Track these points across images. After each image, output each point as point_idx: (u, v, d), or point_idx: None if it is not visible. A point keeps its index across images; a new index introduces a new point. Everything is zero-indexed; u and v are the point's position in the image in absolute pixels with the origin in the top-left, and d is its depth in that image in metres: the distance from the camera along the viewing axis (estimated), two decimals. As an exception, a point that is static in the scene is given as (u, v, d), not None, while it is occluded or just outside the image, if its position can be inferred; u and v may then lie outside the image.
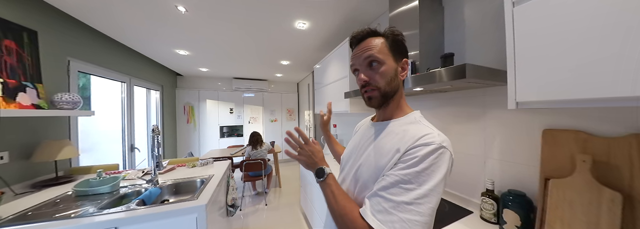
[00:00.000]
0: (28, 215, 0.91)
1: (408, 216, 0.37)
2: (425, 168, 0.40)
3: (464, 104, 1.00)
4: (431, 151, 0.41)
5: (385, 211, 0.39)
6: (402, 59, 0.51)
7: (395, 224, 0.37)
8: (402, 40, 0.51)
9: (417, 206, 0.38)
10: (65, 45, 1.56)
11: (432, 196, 0.38)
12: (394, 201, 0.39)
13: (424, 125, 0.48)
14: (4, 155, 1.16)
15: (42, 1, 1.39)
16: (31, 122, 1.31)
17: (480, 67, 0.70)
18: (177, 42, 2.16)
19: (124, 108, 2.34)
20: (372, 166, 0.47)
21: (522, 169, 0.79)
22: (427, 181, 0.39)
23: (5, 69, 1.16)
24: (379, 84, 0.48)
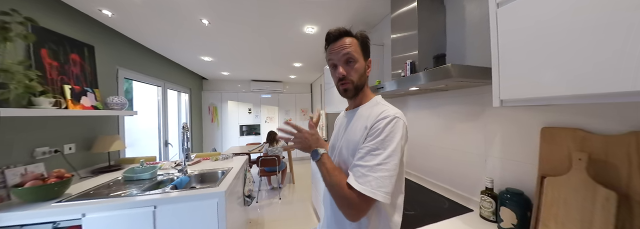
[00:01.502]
0: (90, 193, 1.13)
1: (380, 174, 0.47)
2: (386, 135, 0.50)
3: (464, 103, 1.00)
4: (388, 122, 0.51)
5: (363, 175, 0.48)
6: (368, 58, 0.62)
7: (372, 183, 0.47)
8: (368, 42, 0.61)
9: (385, 164, 0.48)
10: (114, 56, 1.85)
11: (395, 155, 0.49)
12: (368, 165, 0.48)
13: (383, 105, 0.58)
14: (72, 146, 1.43)
15: (97, 21, 1.66)
16: (90, 120, 1.59)
17: (467, 66, 0.73)
18: (202, 50, 2.40)
19: (160, 109, 2.65)
20: (349, 144, 0.57)
21: (521, 168, 0.78)
22: (390, 144, 0.49)
23: (72, 78, 1.42)
24: (353, 78, 0.58)
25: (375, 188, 0.46)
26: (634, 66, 0.38)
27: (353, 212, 0.49)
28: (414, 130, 1.33)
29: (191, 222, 1.08)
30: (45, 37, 1.26)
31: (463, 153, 1.00)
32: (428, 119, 1.23)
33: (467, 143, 0.98)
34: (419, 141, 1.30)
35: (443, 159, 1.12)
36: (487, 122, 0.90)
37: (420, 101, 1.29)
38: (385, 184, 0.47)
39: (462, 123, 1.01)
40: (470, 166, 0.97)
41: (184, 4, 1.40)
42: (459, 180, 1.03)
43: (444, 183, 1.12)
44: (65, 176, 1.10)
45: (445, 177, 1.11)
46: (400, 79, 0.94)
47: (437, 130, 1.16)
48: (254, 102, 4.37)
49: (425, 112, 1.25)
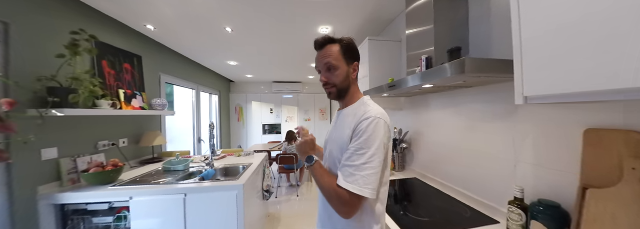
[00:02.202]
0: (137, 180, 1.33)
1: (366, 172, 0.50)
2: (369, 135, 0.53)
3: (489, 100, 0.89)
4: (369, 122, 0.54)
5: (351, 174, 0.51)
6: (353, 62, 0.64)
7: (359, 181, 0.50)
8: (353, 46, 0.64)
9: (370, 163, 0.51)
10: (157, 64, 2.12)
11: (378, 154, 0.52)
12: (355, 165, 0.52)
13: (367, 105, 0.61)
14: (125, 140, 1.69)
15: (143, 35, 1.93)
16: (139, 119, 1.85)
17: (485, 60, 0.65)
18: (228, 55, 2.60)
19: (193, 109, 2.95)
20: (337, 144, 0.61)
21: (558, 176, 0.66)
22: (373, 143, 0.52)
23: (125, 83, 1.68)
24: (335, 82, 0.62)
25: (362, 185, 0.50)
26: None
27: (346, 209, 0.52)
28: (434, 131, 1.25)
29: (214, 210, 1.20)
30: (105, 50, 1.52)
31: (488, 157, 0.90)
32: (449, 119, 1.13)
33: (493, 146, 0.88)
34: (439, 142, 1.20)
35: (465, 163, 1.02)
36: (516, 122, 0.78)
37: (441, 99, 1.18)
38: (371, 181, 0.50)
39: (488, 123, 0.90)
40: (497, 171, 0.86)
41: (209, 14, 1.54)
42: (483, 187, 0.92)
43: (466, 190, 1.01)
44: (118, 164, 1.32)
45: (468, 183, 1.01)
46: (408, 77, 0.90)
47: (460, 131, 1.06)
48: (275, 102, 4.57)
49: (446, 112, 1.15)
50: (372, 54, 1.53)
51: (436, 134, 1.23)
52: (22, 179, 1.03)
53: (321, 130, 4.64)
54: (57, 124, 1.18)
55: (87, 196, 1.14)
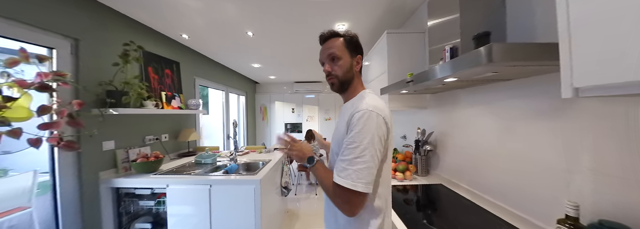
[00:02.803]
0: (173, 171, 1.50)
1: (358, 167, 0.49)
2: (361, 128, 0.51)
3: (531, 95, 0.74)
4: (361, 115, 0.52)
5: (344, 169, 0.51)
6: (357, 55, 0.64)
7: (352, 175, 0.49)
8: (356, 40, 0.64)
9: (362, 157, 0.49)
10: (192, 68, 2.36)
11: (371, 147, 0.50)
12: (347, 159, 0.51)
13: (363, 98, 0.59)
14: (167, 136, 1.92)
15: (179, 43, 2.17)
16: (177, 117, 2.09)
17: (520, 45, 0.52)
18: (251, 58, 2.75)
19: (223, 109, 3.21)
20: (336, 139, 0.61)
21: (629, 190, 0.51)
22: (365, 137, 0.50)
23: (166, 86, 1.91)
24: (338, 73, 0.62)
25: (355, 180, 0.48)
26: None
27: (347, 207, 0.51)
28: (464, 132, 1.10)
29: (234, 202, 1.29)
30: (150, 58, 1.75)
31: (531, 163, 0.75)
32: (482, 118, 0.97)
33: (537, 150, 0.73)
34: (470, 145, 1.05)
35: (502, 170, 0.87)
36: (567, 121, 0.63)
37: (472, 96, 1.02)
38: (363, 175, 0.48)
39: (529, 123, 0.75)
40: (543, 181, 0.71)
41: (233, 20, 1.65)
42: (525, 200, 0.77)
43: (502, 202, 0.86)
44: (159, 156, 1.51)
45: (506, 194, 0.85)
46: (427, 70, 0.80)
47: (494, 132, 0.90)
48: (296, 102, 4.68)
49: (477, 110, 1.00)
50: (392, 49, 1.40)
51: (466, 135, 1.08)
52: (88, 165, 1.25)
53: (342, 129, 4.59)
54: (114, 121, 1.40)
55: (135, 182, 1.34)
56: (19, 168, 1.85)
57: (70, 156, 1.20)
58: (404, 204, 0.99)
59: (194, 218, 1.30)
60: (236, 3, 1.38)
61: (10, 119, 0.84)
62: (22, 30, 1.03)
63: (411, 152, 1.45)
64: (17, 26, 1.01)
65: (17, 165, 1.84)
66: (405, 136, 1.73)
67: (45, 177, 1.36)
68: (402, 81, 1.02)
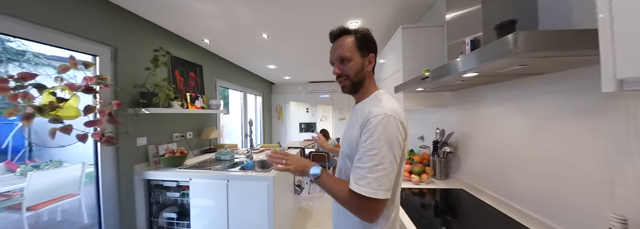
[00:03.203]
0: (196, 165, 1.60)
1: (378, 174, 0.47)
2: (379, 134, 0.48)
3: (567, 91, 0.65)
4: (379, 121, 0.49)
5: (363, 177, 0.48)
6: (369, 54, 0.60)
7: (372, 184, 0.47)
8: (368, 37, 0.59)
9: (382, 164, 0.47)
10: (214, 71, 2.50)
11: (390, 154, 0.48)
12: (366, 167, 0.48)
13: (379, 101, 0.55)
14: (191, 133, 2.06)
15: (202, 47, 2.31)
16: (200, 116, 2.23)
17: (551, 32, 0.44)
18: (267, 60, 2.84)
19: (242, 109, 3.35)
20: (347, 142, 0.58)
21: None
22: (383, 143, 0.48)
23: (190, 88, 2.05)
24: (349, 74, 0.59)
25: (376, 188, 0.47)
26: None
27: (367, 213, 0.49)
28: (488, 133, 0.99)
29: (249, 197, 1.34)
30: (176, 62, 1.89)
31: (568, 168, 0.65)
32: (509, 118, 0.87)
33: (575, 153, 0.63)
34: (495, 147, 0.95)
35: (533, 175, 0.77)
36: (613, 120, 0.54)
37: (497, 92, 0.93)
38: (384, 182, 0.47)
39: (567, 122, 0.66)
40: (582, 190, 0.62)
41: (248, 24, 1.72)
42: (560, 210, 0.68)
43: (534, 211, 0.77)
44: (184, 152, 1.63)
45: (538, 202, 0.76)
46: (443, 66, 0.74)
47: (524, 133, 0.81)
48: (311, 102, 4.71)
49: (504, 108, 0.90)
50: (407, 45, 1.31)
51: (492, 136, 0.98)
52: (124, 159, 1.39)
53: (356, 129, 4.52)
54: (146, 119, 1.54)
55: (164, 175, 1.45)
56: (71, 160, 2.11)
57: (110, 150, 1.34)
58: (421, 209, 0.93)
59: (213, 211, 1.38)
60: (250, 7, 1.43)
61: (62, 117, 0.97)
62: (72, 40, 1.18)
63: (429, 154, 1.37)
64: (68, 37, 1.16)
65: (69, 157, 2.10)
66: (423, 136, 1.64)
67: (90, 168, 1.54)
68: (417, 77, 0.96)
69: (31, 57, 2.51)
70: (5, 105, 2.36)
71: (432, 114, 1.53)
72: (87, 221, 1.93)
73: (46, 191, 1.75)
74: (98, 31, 1.27)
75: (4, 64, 2.47)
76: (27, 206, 1.65)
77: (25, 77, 0.90)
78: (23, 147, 2.39)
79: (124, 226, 1.39)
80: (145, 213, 1.52)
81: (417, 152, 1.62)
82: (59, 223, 1.93)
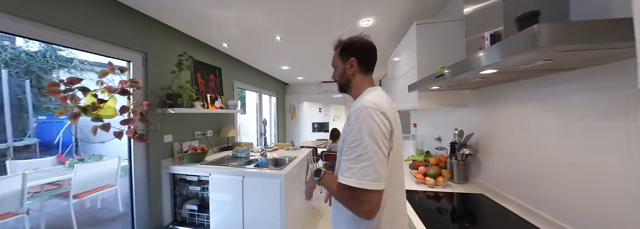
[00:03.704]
0: (215, 162, 1.69)
1: (362, 164, 0.48)
2: (359, 126, 0.50)
3: (602, 88, 0.58)
4: (359, 113, 0.52)
5: (348, 169, 0.49)
6: (349, 59, 0.66)
7: (357, 174, 0.48)
8: (348, 45, 0.67)
9: (366, 154, 0.48)
10: (231, 73, 2.62)
11: (372, 143, 0.48)
12: (351, 158, 0.49)
13: (364, 96, 0.60)
14: (211, 131, 2.17)
15: (221, 51, 2.42)
16: (219, 116, 2.35)
17: (580, 23, 0.39)
18: (280, 61, 2.90)
19: (257, 109, 3.46)
20: (341, 138, 0.60)
21: None
22: (364, 134, 0.49)
23: (211, 89, 2.17)
24: (336, 78, 0.72)
25: (361, 178, 0.47)
26: None
27: (357, 204, 0.48)
28: (512, 134, 0.92)
29: (263, 193, 1.38)
30: (198, 65, 2.01)
31: (605, 174, 0.59)
32: (536, 118, 0.80)
33: (612, 158, 0.57)
34: (520, 150, 0.88)
35: (564, 181, 0.70)
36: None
37: (523, 90, 0.85)
38: (369, 172, 0.47)
39: (601, 123, 0.59)
40: (623, 199, 0.55)
41: (263, 27, 1.77)
42: (590, 218, 0.62)
43: (563, 221, 0.70)
44: (204, 149, 1.72)
45: (570, 212, 0.69)
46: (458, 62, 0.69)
47: (554, 135, 0.74)
48: (324, 102, 4.72)
49: (530, 108, 0.83)
50: (422, 41, 1.24)
51: (516, 138, 0.90)
52: (153, 154, 1.51)
53: (368, 129, 4.44)
54: (171, 118, 1.66)
55: (186, 170, 1.55)
56: (109, 155, 2.33)
57: (141, 146, 1.46)
58: (436, 213, 0.89)
59: (229, 205, 1.45)
60: (265, 11, 1.48)
61: (102, 116, 1.08)
62: (110, 48, 1.31)
63: (445, 156, 1.30)
64: (107, 45, 1.29)
65: (108, 152, 2.32)
66: (440, 137, 1.56)
67: (125, 162, 1.70)
68: (432, 75, 0.90)
69: (77, 63, 2.80)
70: (56, 106, 2.67)
71: (450, 114, 1.45)
72: (121, 209, 2.13)
73: (89, 181, 1.96)
74: (131, 39, 1.39)
75: (56, 70, 2.77)
76: (73, 194, 1.86)
77: (72, 81, 1.02)
78: (71, 143, 2.68)
79: (153, 215, 1.51)
80: (171, 204, 1.63)
81: (433, 154, 1.55)
82: (99, 210, 2.15)
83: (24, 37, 1.02)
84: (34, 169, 1.95)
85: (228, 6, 1.40)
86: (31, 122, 2.48)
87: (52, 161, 2.18)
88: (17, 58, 2.41)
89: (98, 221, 1.97)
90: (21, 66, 2.38)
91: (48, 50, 2.56)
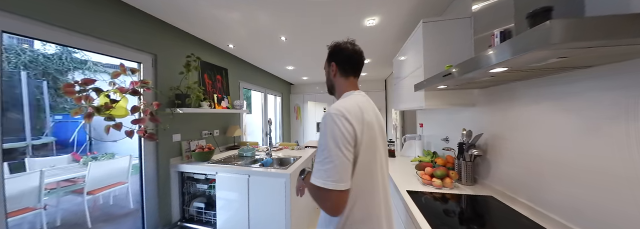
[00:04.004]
0: (221, 160, 1.71)
1: (327, 167, 0.52)
2: (323, 132, 0.55)
3: (623, 86, 0.55)
4: (323, 121, 0.57)
5: (317, 171, 0.54)
6: (330, 63, 0.74)
7: (322, 175, 0.52)
8: (330, 51, 0.75)
9: (329, 157, 0.52)
10: (237, 73, 2.65)
11: (335, 147, 0.52)
12: (318, 162, 0.54)
13: (337, 101, 0.65)
14: (217, 131, 2.21)
15: (227, 52, 2.45)
16: (225, 116, 2.38)
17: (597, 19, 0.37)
18: (285, 61, 2.91)
19: (262, 109, 3.49)
20: None
21: None
22: (328, 139, 0.53)
23: (217, 90, 2.20)
24: (326, 82, 0.80)
25: (325, 178, 0.51)
26: None
27: (323, 202, 0.54)
28: (524, 135, 0.88)
29: (268, 192, 1.39)
30: (205, 66, 2.04)
31: (623, 177, 0.56)
32: (550, 118, 0.77)
33: (629, 161, 0.54)
34: (533, 151, 0.84)
35: (579, 184, 0.67)
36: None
37: (537, 89, 0.82)
38: (331, 174, 0.51)
39: (615, 124, 0.57)
40: (632, 201, 0.53)
41: (268, 28, 1.78)
42: (611, 225, 0.59)
43: (575, 224, 0.68)
44: (212, 148, 1.75)
45: (579, 214, 0.66)
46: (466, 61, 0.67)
47: (569, 135, 0.70)
48: (328, 101, 4.71)
49: (544, 107, 0.79)
50: (428, 40, 1.22)
51: (528, 139, 0.87)
52: (162, 153, 1.55)
53: (373, 129, 4.40)
54: (180, 118, 1.69)
55: (194, 168, 1.58)
56: (120, 153, 2.40)
57: (151, 145, 1.50)
58: (443, 215, 0.86)
59: (235, 203, 1.47)
60: (270, 12, 1.49)
61: (114, 116, 1.11)
62: (122, 50, 1.34)
63: (453, 157, 1.27)
64: (119, 47, 1.32)
65: (119, 151, 2.38)
66: (448, 138, 1.52)
67: (135, 161, 1.74)
68: (439, 74, 0.88)
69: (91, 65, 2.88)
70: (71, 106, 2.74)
71: (458, 113, 1.42)
72: (132, 206, 2.19)
73: (102, 178, 2.03)
74: (142, 42, 1.43)
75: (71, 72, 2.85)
76: (87, 191, 1.92)
77: (87, 82, 1.06)
78: (85, 141, 2.77)
79: (162, 212, 1.55)
80: (179, 201, 1.67)
81: (440, 154, 1.52)
82: (111, 206, 2.21)
83: (54, 43, 1.09)
84: (50, 167, 2.03)
85: (234, 8, 1.42)
86: (48, 121, 2.58)
87: (68, 159, 2.25)
88: (35, 60, 2.51)
89: (110, 217, 2.03)
90: (39, 68, 2.48)
91: (64, 53, 2.65)
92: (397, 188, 1.12)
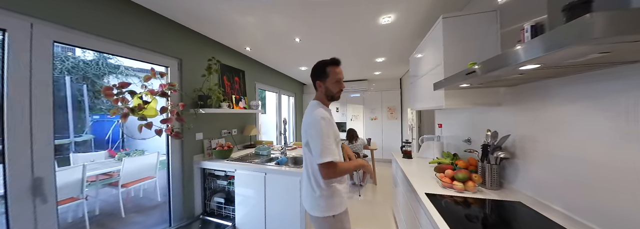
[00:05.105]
0: (239, 158, 1.77)
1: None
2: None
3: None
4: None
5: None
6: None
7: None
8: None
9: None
10: (253, 75, 2.72)
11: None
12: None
13: None
14: (235, 130, 2.28)
15: (244, 55, 2.53)
16: (243, 116, 2.45)
17: None
18: (298, 62, 2.93)
19: (277, 109, 3.55)
20: None
21: None
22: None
23: (235, 91, 2.27)
24: None
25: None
26: None
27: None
28: (559, 137, 0.82)
29: (284, 190, 1.41)
30: (224, 69, 2.12)
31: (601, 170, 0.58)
32: (588, 119, 0.71)
33: None
34: (568, 155, 0.78)
35: (624, 192, 0.61)
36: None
37: (573, 87, 0.75)
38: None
39: None
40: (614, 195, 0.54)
41: (284, 30, 1.81)
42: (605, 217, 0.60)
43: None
44: (230, 146, 1.82)
45: (623, 222, 0.61)
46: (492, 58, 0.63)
47: (610, 138, 0.65)
48: (341, 101, 4.67)
49: (581, 107, 0.73)
50: (449, 36, 1.15)
51: (563, 141, 0.79)
52: (187, 150, 1.63)
53: (390, 131, 4.29)
54: (202, 118, 1.77)
55: (215, 165, 1.65)
56: (150, 150, 2.56)
57: (177, 143, 1.59)
58: (465, 220, 0.81)
59: (253, 200, 1.51)
60: (284, 14, 1.50)
61: (146, 116, 1.19)
62: (152, 55, 1.43)
63: (476, 160, 1.19)
64: (149, 53, 1.42)
65: (149, 148, 2.55)
66: (470, 139, 1.43)
67: (163, 157, 1.85)
68: (462, 72, 0.82)
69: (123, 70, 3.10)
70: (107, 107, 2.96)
71: (482, 114, 1.33)
72: (160, 199, 2.33)
73: (134, 173, 2.19)
74: (169, 47, 1.52)
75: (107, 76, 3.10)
76: (122, 184, 2.08)
77: (123, 85, 1.14)
78: (118, 139, 2.99)
79: (186, 205, 1.64)
80: (201, 196, 1.75)
81: (461, 156, 1.44)
82: (141, 198, 2.38)
83: (92, 50, 1.19)
84: (90, 162, 2.22)
85: (251, 12, 1.46)
86: (87, 120, 2.83)
87: (104, 155, 2.46)
88: (77, 66, 2.75)
89: (141, 209, 2.18)
90: (79, 73, 2.72)
91: (100, 59, 2.90)
92: (415, 190, 1.08)
